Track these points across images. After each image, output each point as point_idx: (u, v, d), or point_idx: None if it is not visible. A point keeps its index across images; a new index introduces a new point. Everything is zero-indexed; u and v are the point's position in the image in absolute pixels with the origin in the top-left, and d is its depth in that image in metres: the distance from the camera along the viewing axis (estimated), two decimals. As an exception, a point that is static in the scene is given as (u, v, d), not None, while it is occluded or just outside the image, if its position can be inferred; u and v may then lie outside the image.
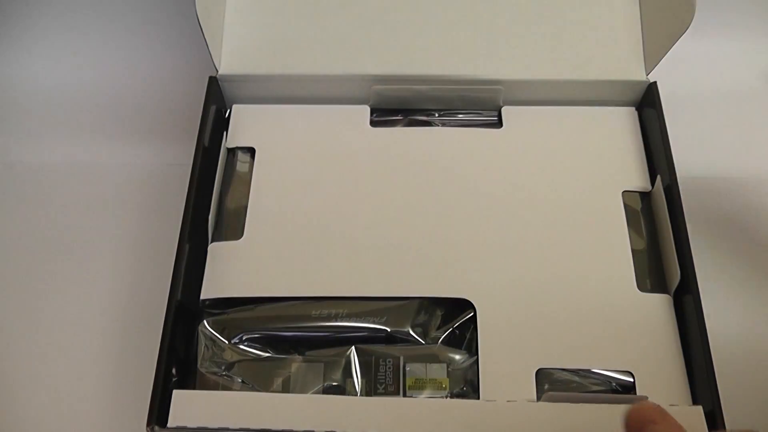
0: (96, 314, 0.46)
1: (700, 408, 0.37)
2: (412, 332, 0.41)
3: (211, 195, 0.46)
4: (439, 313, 0.42)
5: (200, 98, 0.46)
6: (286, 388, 0.40)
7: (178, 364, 0.40)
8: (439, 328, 0.42)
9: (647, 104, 0.47)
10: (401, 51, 0.45)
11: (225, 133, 0.48)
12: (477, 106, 0.49)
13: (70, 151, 0.53)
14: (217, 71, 0.47)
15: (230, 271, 0.43)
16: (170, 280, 0.40)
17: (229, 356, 0.41)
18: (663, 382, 0.39)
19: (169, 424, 0.36)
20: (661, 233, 0.43)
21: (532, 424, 0.36)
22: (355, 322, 0.41)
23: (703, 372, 0.38)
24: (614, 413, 0.36)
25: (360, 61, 0.46)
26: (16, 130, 0.55)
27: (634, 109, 0.48)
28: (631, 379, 0.39)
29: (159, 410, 0.36)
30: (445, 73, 0.47)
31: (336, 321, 0.41)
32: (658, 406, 0.30)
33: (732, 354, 0.42)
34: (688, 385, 0.39)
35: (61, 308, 0.47)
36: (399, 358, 0.40)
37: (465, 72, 0.47)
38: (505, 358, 0.40)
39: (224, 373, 0.40)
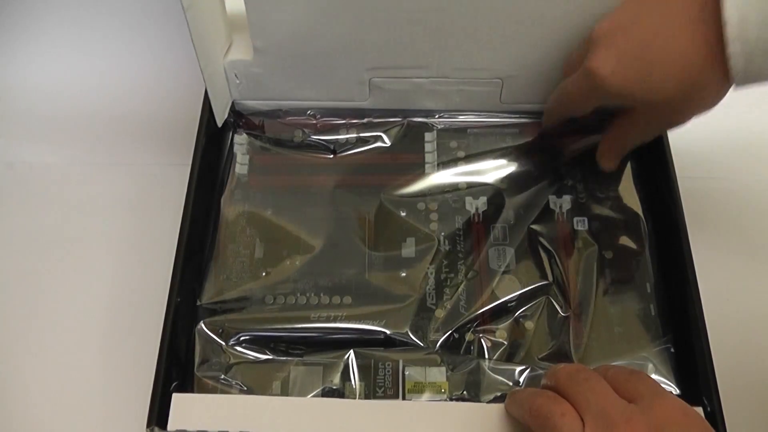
0: (95, 314, 0.46)
1: (699, 408, 0.37)
2: (411, 335, 0.41)
3: (212, 195, 0.46)
4: (438, 315, 0.42)
5: (200, 98, 0.46)
6: (284, 391, 0.40)
7: (178, 366, 0.40)
8: (437, 331, 0.42)
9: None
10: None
11: (224, 132, 0.48)
12: (476, 101, 0.49)
13: (70, 151, 0.53)
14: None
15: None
16: (170, 280, 0.40)
17: (227, 358, 0.41)
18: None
19: (169, 428, 0.36)
20: None
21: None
22: (354, 323, 0.41)
23: (704, 372, 0.38)
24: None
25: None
26: (16, 130, 0.54)
27: None
28: None
29: (159, 412, 0.36)
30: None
31: (335, 322, 0.41)
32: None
33: (733, 354, 0.42)
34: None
35: (60, 308, 0.47)
36: (398, 362, 0.40)
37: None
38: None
39: (222, 374, 0.40)
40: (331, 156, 0.48)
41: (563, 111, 0.45)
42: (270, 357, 0.41)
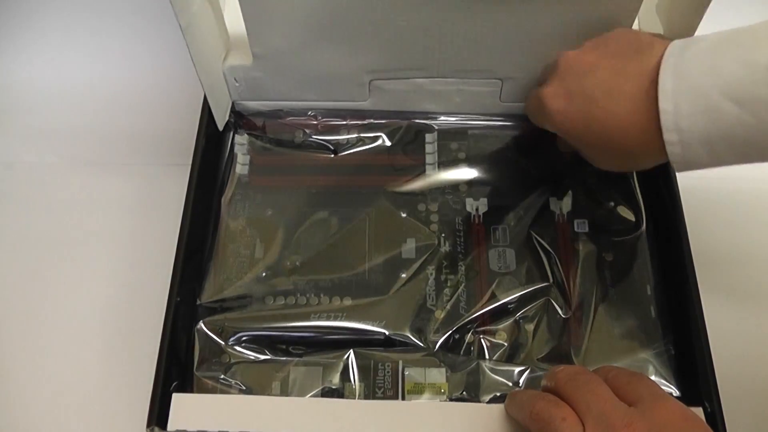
0: (95, 314, 0.46)
1: (699, 409, 0.37)
2: (410, 335, 0.41)
3: (212, 195, 0.46)
4: (438, 316, 0.42)
5: (200, 98, 0.46)
6: (284, 391, 0.40)
7: (178, 365, 0.40)
8: (437, 331, 0.42)
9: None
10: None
11: (225, 133, 0.48)
12: (476, 101, 0.49)
13: (70, 151, 0.53)
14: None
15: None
16: (170, 279, 0.40)
17: (227, 358, 0.41)
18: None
19: (168, 428, 0.36)
20: None
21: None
22: (354, 323, 0.41)
23: (704, 372, 0.38)
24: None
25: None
26: (16, 130, 0.55)
27: None
28: None
29: (159, 412, 0.36)
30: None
31: (335, 322, 0.41)
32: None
33: (732, 354, 0.42)
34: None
35: (60, 308, 0.47)
36: (398, 363, 0.40)
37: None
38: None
39: (222, 374, 0.40)
40: (332, 156, 0.48)
41: (531, 119, 0.45)
42: (270, 357, 0.41)
